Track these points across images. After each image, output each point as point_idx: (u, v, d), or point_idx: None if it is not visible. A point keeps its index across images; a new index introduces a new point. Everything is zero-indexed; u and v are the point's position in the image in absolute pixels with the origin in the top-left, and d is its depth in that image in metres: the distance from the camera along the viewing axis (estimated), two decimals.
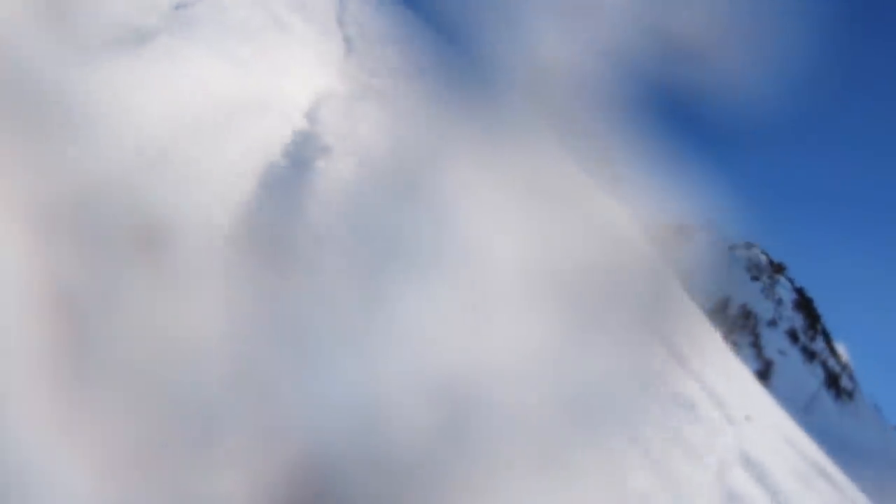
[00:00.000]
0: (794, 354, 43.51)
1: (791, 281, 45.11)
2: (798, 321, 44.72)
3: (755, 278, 42.18)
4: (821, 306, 46.39)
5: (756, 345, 39.71)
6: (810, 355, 44.83)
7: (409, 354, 3.29)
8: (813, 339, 46.18)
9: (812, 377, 43.63)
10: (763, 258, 43.31)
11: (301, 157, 3.82)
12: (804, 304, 45.29)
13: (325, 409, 3.00)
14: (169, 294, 2.95)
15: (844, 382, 48.36)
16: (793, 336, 43.91)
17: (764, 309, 42.48)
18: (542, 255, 4.29)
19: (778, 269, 44.04)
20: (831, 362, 47.53)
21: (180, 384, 2.82)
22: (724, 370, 6.49)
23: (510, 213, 4.68)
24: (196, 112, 3.49)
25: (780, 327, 43.34)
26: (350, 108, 5.06)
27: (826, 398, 43.75)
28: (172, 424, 2.76)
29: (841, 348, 49.29)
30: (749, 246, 42.74)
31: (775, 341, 42.48)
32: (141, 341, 2.81)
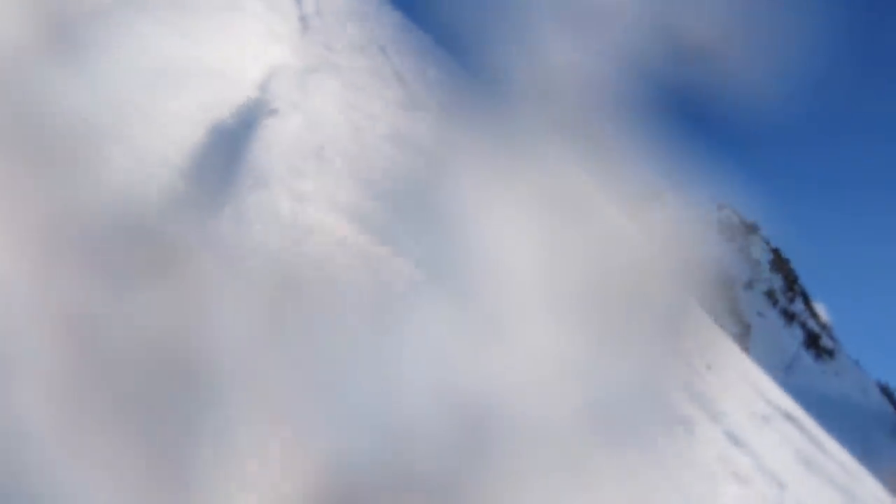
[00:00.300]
0: (773, 316, 43.60)
1: (766, 241, 45.12)
2: (776, 282, 44.80)
3: (729, 240, 42.24)
4: (798, 266, 46.44)
5: (734, 308, 39.89)
6: (790, 317, 44.99)
7: (428, 368, 3.29)
8: (792, 300, 46.34)
9: (792, 339, 43.77)
10: (735, 219, 43.28)
11: (249, 117, 3.94)
12: (781, 264, 45.39)
13: (344, 428, 2.99)
14: (181, 310, 2.95)
15: (825, 342, 48.56)
16: (771, 297, 44.02)
17: (740, 271, 42.57)
18: (559, 266, 4.29)
19: (751, 229, 44.02)
20: (811, 323, 47.71)
21: (195, 403, 2.81)
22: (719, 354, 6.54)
23: (519, 216, 4.71)
24: (148, 75, 3.58)
25: (758, 289, 43.44)
26: (303, 80, 5.14)
27: (807, 358, 43.90)
28: (190, 444, 2.75)
29: (820, 308, 49.49)
30: (721, 207, 42.70)
31: (753, 304, 42.57)
32: (155, 360, 2.80)
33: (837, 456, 6.19)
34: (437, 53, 9.13)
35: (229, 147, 3.72)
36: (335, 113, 4.76)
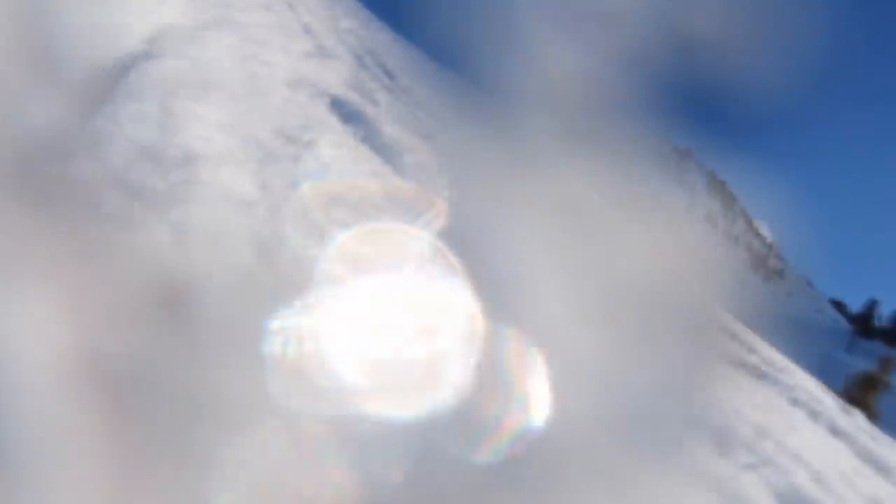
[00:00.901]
0: (715, 240, 44.01)
1: (700, 164, 45.40)
2: (714, 205, 45.20)
3: (662, 166, 42.40)
4: (735, 187, 46.75)
5: (673, 235, 40.15)
6: (733, 239, 45.49)
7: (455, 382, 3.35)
8: (733, 221, 46.88)
9: (737, 261, 44.19)
10: (666, 145, 43.41)
11: (131, 61, 4.03)
12: (717, 186, 45.78)
13: (371, 446, 3.06)
14: (198, 355, 2.95)
15: (772, 262, 49.26)
16: (711, 221, 44.42)
17: (675, 197, 42.88)
18: (584, 279, 4.31)
19: (684, 154, 44.34)
20: (756, 243, 48.35)
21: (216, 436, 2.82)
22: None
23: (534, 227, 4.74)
24: (34, 34, 3.67)
25: (697, 214, 43.83)
26: (195, 35, 5.19)
27: (755, 281, 44.44)
28: (219, 488, 2.79)
29: (763, 227, 50.08)
30: (650, 136, 42.83)
31: (693, 229, 42.90)
32: (179, 406, 2.81)
33: (765, 355, 6.44)
34: (351, 6, 9.15)
35: (111, 81, 3.84)
36: (227, 61, 4.82)
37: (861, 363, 32.24)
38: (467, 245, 3.86)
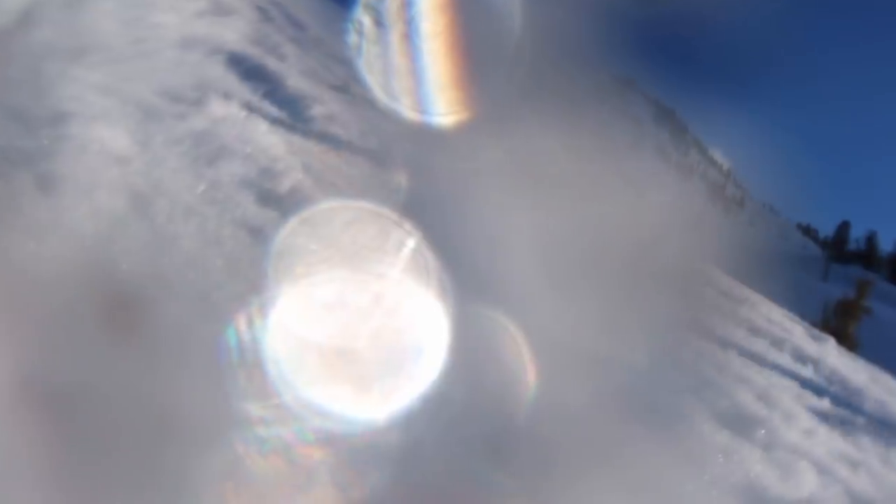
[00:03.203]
0: (668, 173, 44.18)
1: (644, 95, 45.39)
2: (663, 136, 45.36)
3: (602, 101, 42.53)
4: (685, 115, 46.92)
5: (622, 173, 40.41)
6: (686, 170, 45.81)
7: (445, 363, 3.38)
8: (685, 152, 47.20)
9: (693, 193, 44.47)
10: (606, 78, 43.51)
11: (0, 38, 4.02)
12: (665, 116, 45.88)
13: (351, 448, 3.09)
14: (151, 366, 3.02)
15: (730, 191, 49.72)
16: (662, 154, 44.66)
17: (621, 132, 43.01)
18: (565, 245, 4.33)
19: (627, 84, 44.34)
20: (711, 173, 48.75)
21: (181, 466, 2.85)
22: None
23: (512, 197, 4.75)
24: None
25: (646, 147, 44.05)
26: (72, 4, 5.14)
27: (713, 213, 44.75)
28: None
29: (717, 155, 50.44)
30: (592, 70, 42.86)
31: (643, 164, 43.20)
32: (131, 421, 2.84)
33: (724, 288, 6.57)
34: None
35: None
36: (108, 26, 4.79)
37: (838, 290, 32.66)
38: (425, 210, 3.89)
